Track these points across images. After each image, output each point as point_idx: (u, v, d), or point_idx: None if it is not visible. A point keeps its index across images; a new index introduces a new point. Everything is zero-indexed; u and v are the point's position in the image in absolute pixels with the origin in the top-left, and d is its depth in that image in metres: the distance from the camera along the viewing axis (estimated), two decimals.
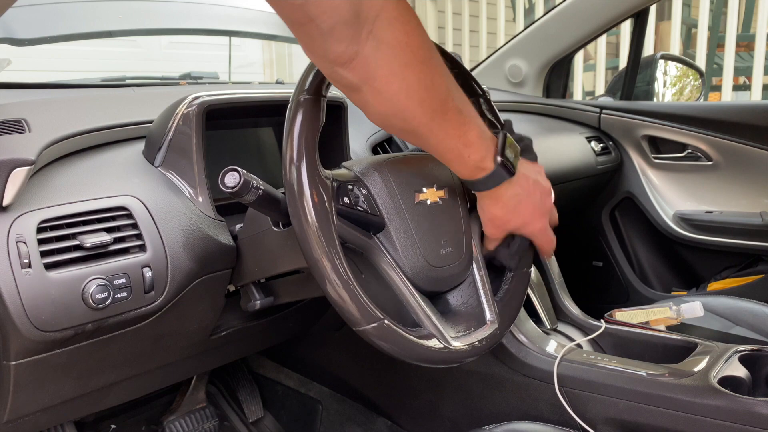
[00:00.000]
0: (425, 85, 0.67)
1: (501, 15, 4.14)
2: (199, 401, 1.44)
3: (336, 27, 0.60)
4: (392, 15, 0.64)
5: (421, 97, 0.67)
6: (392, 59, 0.64)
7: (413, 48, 0.66)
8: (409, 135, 0.73)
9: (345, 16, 0.60)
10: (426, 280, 0.77)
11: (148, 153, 0.90)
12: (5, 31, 1.30)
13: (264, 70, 3.38)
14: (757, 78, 3.40)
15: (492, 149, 0.75)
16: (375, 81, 0.64)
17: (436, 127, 0.70)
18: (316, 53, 0.64)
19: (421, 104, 0.67)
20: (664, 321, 1.16)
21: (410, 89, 0.66)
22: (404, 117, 0.68)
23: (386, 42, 0.63)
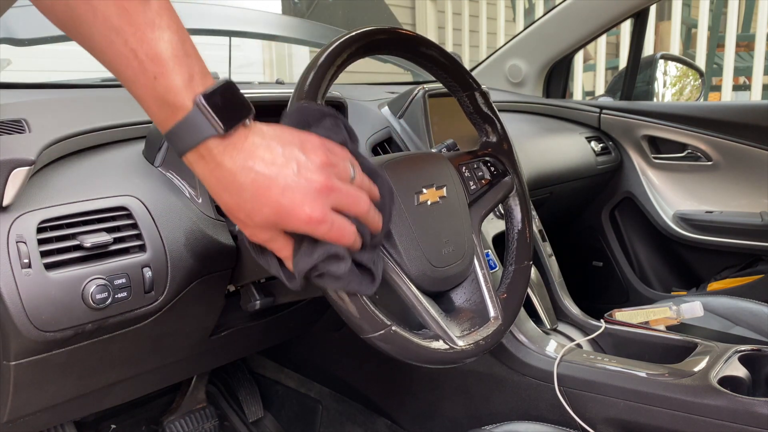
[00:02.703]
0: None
1: (501, 15, 4.14)
2: (199, 401, 1.44)
3: None
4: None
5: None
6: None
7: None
8: (54, 4, 0.49)
9: None
10: (430, 281, 0.77)
11: (148, 153, 0.90)
12: (5, 31, 1.30)
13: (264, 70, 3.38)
14: (757, 78, 3.40)
15: (198, 83, 0.51)
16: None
17: (101, 3, 0.48)
18: None
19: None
20: (664, 321, 1.16)
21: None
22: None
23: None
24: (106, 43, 0.48)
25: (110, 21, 0.48)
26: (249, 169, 0.52)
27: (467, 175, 0.88)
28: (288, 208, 0.53)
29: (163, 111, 0.51)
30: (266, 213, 0.53)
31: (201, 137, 0.51)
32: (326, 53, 0.73)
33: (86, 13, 0.48)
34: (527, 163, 1.47)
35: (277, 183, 0.52)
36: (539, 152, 1.61)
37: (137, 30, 0.48)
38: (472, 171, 0.89)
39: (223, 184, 0.52)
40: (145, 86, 0.49)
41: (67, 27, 0.50)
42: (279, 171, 0.52)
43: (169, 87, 0.49)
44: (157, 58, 0.49)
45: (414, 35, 0.82)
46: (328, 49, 0.73)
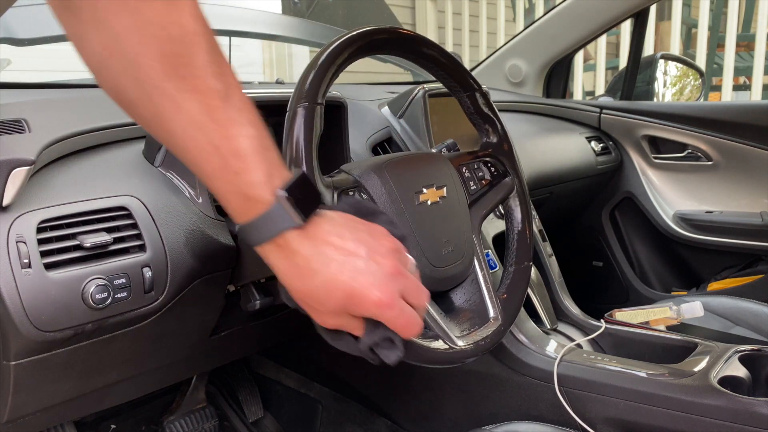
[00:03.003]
0: (177, 33, 0.47)
1: (501, 15, 4.14)
2: (199, 401, 1.44)
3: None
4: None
5: (168, 50, 0.47)
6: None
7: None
8: (141, 108, 0.50)
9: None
10: (430, 281, 0.77)
11: (148, 153, 0.90)
12: (5, 31, 1.30)
13: (264, 70, 3.38)
14: (757, 78, 3.40)
15: (277, 177, 0.52)
16: (99, 6, 0.46)
17: (182, 96, 0.48)
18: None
19: (162, 57, 0.47)
20: (664, 321, 1.16)
21: (146, 30, 0.46)
22: (136, 76, 0.48)
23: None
24: (188, 139, 0.50)
25: (194, 118, 0.49)
26: (322, 255, 0.53)
27: (467, 175, 0.88)
28: (359, 291, 0.53)
29: (243, 204, 0.52)
30: (338, 297, 0.53)
31: (280, 229, 0.52)
32: (326, 53, 0.73)
33: (170, 109, 0.48)
34: (527, 163, 1.47)
35: (348, 267, 0.53)
36: (539, 152, 1.61)
37: (220, 127, 0.49)
38: (473, 171, 0.89)
39: (298, 271, 0.53)
40: (227, 181, 0.50)
41: (150, 124, 0.51)
42: (350, 256, 0.53)
43: (251, 182, 0.50)
44: (240, 155, 0.50)
45: (414, 35, 0.82)
46: (329, 48, 0.73)
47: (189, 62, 0.48)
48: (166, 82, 0.47)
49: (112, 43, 0.46)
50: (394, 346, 0.57)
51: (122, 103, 0.52)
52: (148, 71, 0.47)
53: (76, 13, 0.46)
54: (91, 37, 0.47)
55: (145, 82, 0.48)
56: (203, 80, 0.49)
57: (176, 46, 0.47)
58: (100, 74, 0.50)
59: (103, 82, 0.50)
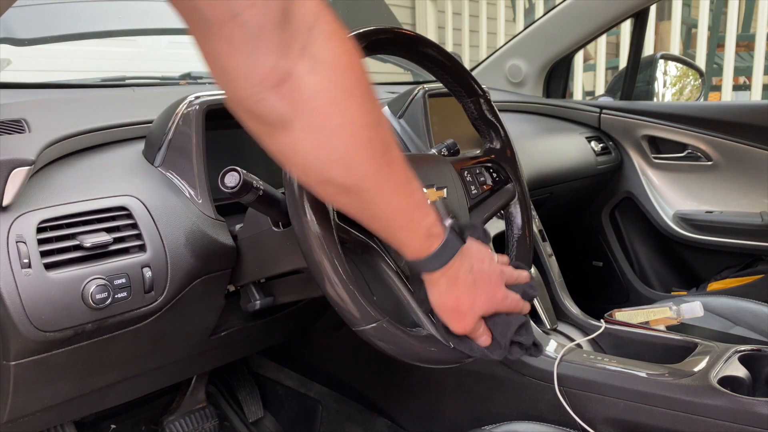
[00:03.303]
0: (372, 120, 0.54)
1: (501, 15, 4.14)
2: (199, 401, 1.44)
3: (265, 29, 0.47)
4: (330, 27, 0.51)
5: (368, 136, 0.54)
6: (332, 84, 0.51)
7: (356, 72, 0.52)
8: (351, 194, 0.57)
9: (275, 16, 0.47)
10: None
11: (148, 153, 0.90)
12: (5, 31, 1.30)
13: None
14: (757, 78, 3.40)
15: (434, 212, 0.64)
16: (310, 113, 0.51)
17: (383, 179, 0.56)
18: (238, 69, 0.49)
19: (367, 146, 0.54)
20: (664, 321, 1.16)
21: (355, 124, 0.52)
22: (347, 164, 0.54)
23: (324, 61, 0.50)
24: (386, 204, 0.59)
25: (391, 187, 0.59)
26: (474, 268, 0.67)
27: (469, 179, 0.88)
28: (494, 292, 0.69)
29: (425, 243, 0.64)
30: (484, 299, 0.68)
31: (454, 252, 0.65)
32: None
33: (371, 188, 0.57)
34: (527, 163, 1.47)
35: (488, 275, 0.69)
36: (539, 152, 1.61)
37: (405, 187, 0.60)
38: (474, 176, 0.89)
39: (462, 283, 0.66)
40: (413, 229, 0.62)
41: (353, 201, 0.60)
42: (487, 267, 0.69)
43: (430, 224, 0.63)
44: (421, 206, 0.62)
45: (420, 37, 0.82)
46: None
47: (382, 140, 0.56)
48: (368, 165, 0.55)
49: (326, 141, 0.53)
50: (529, 330, 0.72)
51: (328, 190, 0.59)
52: (359, 160, 0.54)
53: (287, 130, 0.52)
54: (304, 143, 0.53)
55: (355, 171, 0.55)
56: (392, 154, 0.57)
57: (373, 132, 0.55)
58: (317, 178, 0.56)
59: (321, 183, 0.57)
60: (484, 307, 0.69)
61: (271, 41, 0.48)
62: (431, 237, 0.64)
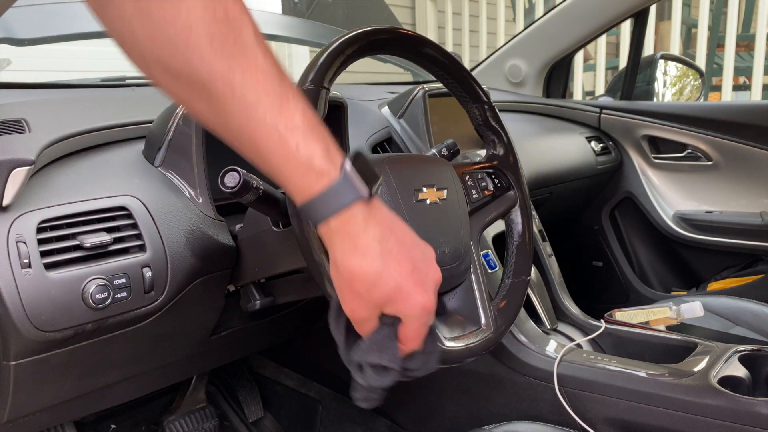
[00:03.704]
0: (218, 16, 0.47)
1: (501, 15, 4.14)
2: (199, 401, 1.44)
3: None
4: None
5: (212, 31, 0.47)
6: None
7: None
8: (197, 95, 0.49)
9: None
10: None
11: (148, 153, 0.90)
12: (5, 31, 1.30)
13: None
14: (757, 78, 3.40)
15: (334, 151, 0.52)
16: None
17: (239, 78, 0.48)
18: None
19: (211, 40, 0.47)
20: (664, 321, 1.16)
21: (192, 15, 0.46)
22: (186, 54, 0.47)
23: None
24: (245, 118, 0.49)
25: (248, 96, 0.48)
26: (387, 242, 0.52)
27: (470, 183, 0.88)
28: (410, 288, 0.53)
29: (306, 179, 0.50)
30: (389, 287, 0.53)
31: (349, 201, 0.51)
32: (340, 41, 0.73)
33: (223, 89, 0.48)
34: (527, 163, 1.47)
35: (407, 262, 0.53)
36: (539, 152, 1.61)
37: (275, 103, 0.49)
38: (476, 180, 0.89)
39: (359, 251, 0.52)
40: (288, 158, 0.50)
41: (204, 109, 0.50)
42: (410, 251, 0.54)
43: (312, 155, 0.50)
44: (298, 128, 0.49)
45: (425, 39, 0.82)
46: (343, 37, 0.73)
47: (238, 41, 0.48)
48: (216, 61, 0.47)
49: (157, 31, 0.46)
50: (389, 373, 0.58)
51: (176, 94, 0.51)
52: (199, 52, 0.46)
53: (117, 10, 0.46)
54: (136, 30, 0.46)
55: (198, 64, 0.47)
56: (254, 58, 0.48)
57: (223, 27, 0.47)
58: (148, 64, 0.48)
59: (160, 70, 0.48)
60: (386, 294, 0.53)
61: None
62: (314, 172, 0.50)
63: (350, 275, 0.53)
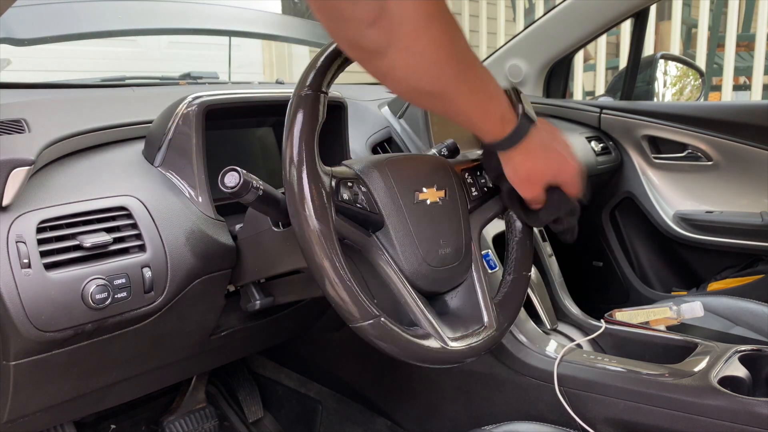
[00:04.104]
0: (450, 37, 0.65)
1: (501, 15, 4.14)
2: (199, 401, 1.44)
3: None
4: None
5: (448, 50, 0.65)
6: (417, 12, 0.61)
7: None
8: (437, 98, 0.69)
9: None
10: (424, 280, 0.77)
11: (148, 153, 0.90)
12: (5, 31, 1.30)
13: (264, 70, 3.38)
14: (757, 78, 3.40)
15: (507, 101, 0.76)
16: (402, 39, 0.61)
17: (462, 82, 0.69)
18: (343, 15, 0.60)
19: (448, 58, 0.65)
20: (664, 321, 1.16)
21: (437, 42, 0.64)
22: (434, 75, 0.66)
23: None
24: (467, 102, 0.72)
25: (468, 94, 0.71)
26: (545, 142, 0.79)
27: (470, 181, 0.88)
28: (568, 161, 0.82)
29: (499, 126, 0.75)
30: (552, 169, 0.80)
31: (525, 132, 0.76)
32: (325, 54, 0.73)
33: (455, 94, 0.70)
34: None
35: (557, 149, 0.81)
36: None
37: (483, 84, 0.72)
38: (475, 177, 0.89)
39: (533, 155, 0.79)
40: (489, 119, 0.74)
41: (438, 101, 0.70)
42: (556, 142, 0.82)
43: (504, 111, 0.75)
44: (493, 98, 0.74)
45: None
46: (328, 50, 0.73)
47: (464, 60, 0.68)
48: (453, 79, 0.67)
49: (415, 59, 0.63)
50: (575, 215, 0.84)
51: (422, 97, 0.70)
52: (443, 70, 0.66)
53: (383, 56, 0.62)
54: (397, 63, 0.63)
55: (441, 79, 0.66)
56: (473, 67, 0.69)
57: (458, 56, 0.66)
58: (412, 89, 0.67)
59: (417, 92, 0.68)
60: (551, 175, 0.81)
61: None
62: (505, 122, 0.75)
63: (528, 173, 0.80)
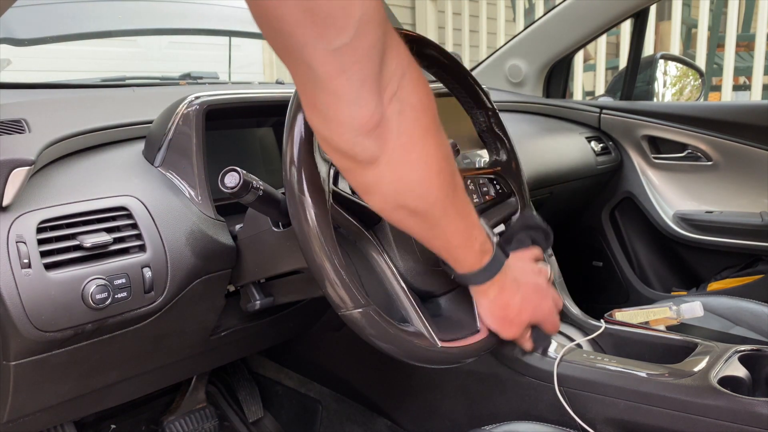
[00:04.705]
0: (443, 153, 0.60)
1: (501, 15, 4.14)
2: (199, 401, 1.44)
3: (367, 81, 0.51)
4: (416, 74, 0.56)
5: (440, 167, 0.60)
6: (415, 124, 0.56)
7: (433, 112, 0.58)
8: (420, 218, 0.63)
9: (375, 68, 0.52)
10: (418, 278, 0.77)
11: (148, 153, 0.90)
12: (5, 31, 1.30)
13: (264, 70, 3.38)
14: (757, 78, 3.40)
15: (485, 231, 0.72)
16: (394, 150, 0.56)
17: (449, 205, 0.64)
18: (340, 117, 0.53)
19: (438, 176, 0.60)
20: (664, 321, 1.16)
21: (430, 158, 0.58)
22: (421, 193, 0.60)
23: (410, 104, 0.55)
24: (452, 230, 0.67)
25: (453, 217, 0.66)
26: (519, 279, 0.76)
27: (472, 188, 0.88)
28: (540, 302, 0.79)
29: (477, 258, 0.71)
30: (531, 307, 0.77)
31: (500, 264, 0.73)
32: None
33: (439, 216, 0.65)
34: (527, 163, 1.47)
35: (533, 286, 0.78)
36: (539, 152, 1.61)
37: (466, 212, 0.68)
38: (477, 185, 0.89)
39: (508, 291, 0.75)
40: (470, 247, 0.70)
41: (421, 226, 0.66)
42: (531, 278, 0.78)
43: (483, 241, 0.71)
44: (476, 226, 0.70)
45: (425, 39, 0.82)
46: None
47: (451, 182, 0.63)
48: (441, 200, 0.63)
49: (405, 173, 0.59)
50: (548, 341, 0.85)
51: (402, 218, 0.65)
52: (430, 189, 0.61)
53: (373, 166, 0.57)
54: (386, 175, 0.58)
55: (427, 199, 0.62)
56: (460, 190, 0.65)
57: (447, 177, 0.62)
58: (394, 206, 0.62)
59: (398, 210, 0.63)
60: (530, 314, 0.78)
61: (371, 91, 0.52)
62: (483, 253, 0.71)
63: (504, 310, 0.76)
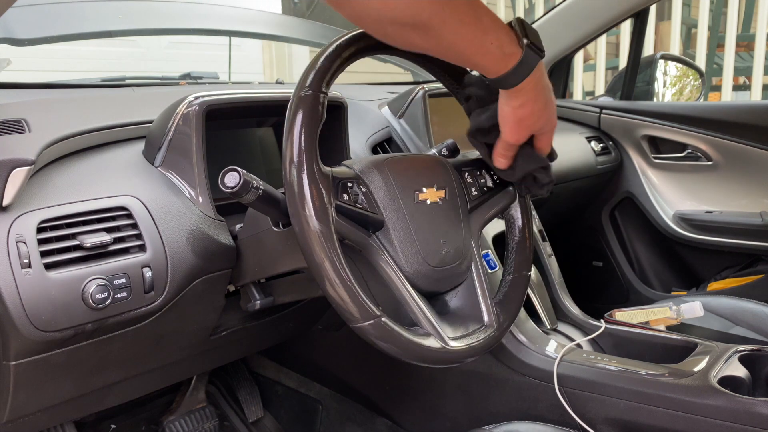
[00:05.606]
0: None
1: (501, 15, 4.14)
2: (199, 401, 1.44)
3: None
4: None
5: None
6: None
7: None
8: (418, 33, 0.64)
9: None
10: (424, 279, 0.77)
11: (148, 153, 0.90)
12: (5, 31, 1.30)
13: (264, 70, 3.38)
14: (757, 78, 3.41)
15: (511, 32, 0.69)
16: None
17: (449, 14, 0.63)
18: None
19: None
20: (664, 321, 1.16)
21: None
22: (410, 6, 0.61)
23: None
24: (459, 34, 0.66)
25: (455, 24, 0.65)
26: (547, 84, 0.74)
27: (469, 180, 0.88)
28: (554, 113, 0.79)
29: (502, 62, 0.69)
30: (546, 116, 0.77)
31: (532, 68, 0.70)
32: (337, 43, 0.73)
33: (439, 24, 0.64)
34: None
35: (551, 100, 0.77)
36: None
37: (473, 18, 0.66)
38: (475, 177, 0.89)
39: (542, 93, 0.74)
40: (486, 54, 0.68)
41: (427, 34, 0.65)
42: (551, 94, 0.77)
43: (504, 44, 0.68)
44: (489, 31, 0.67)
45: None
46: (340, 39, 0.73)
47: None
48: (433, 7, 0.62)
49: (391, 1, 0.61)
50: (547, 170, 0.85)
51: (401, 37, 0.66)
52: (422, 4, 0.61)
53: None
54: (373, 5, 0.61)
55: (423, 12, 0.62)
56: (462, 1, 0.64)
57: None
58: (390, 22, 0.63)
59: (394, 26, 0.64)
60: (543, 123, 0.78)
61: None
62: (506, 56, 0.68)
63: (526, 114, 0.74)
